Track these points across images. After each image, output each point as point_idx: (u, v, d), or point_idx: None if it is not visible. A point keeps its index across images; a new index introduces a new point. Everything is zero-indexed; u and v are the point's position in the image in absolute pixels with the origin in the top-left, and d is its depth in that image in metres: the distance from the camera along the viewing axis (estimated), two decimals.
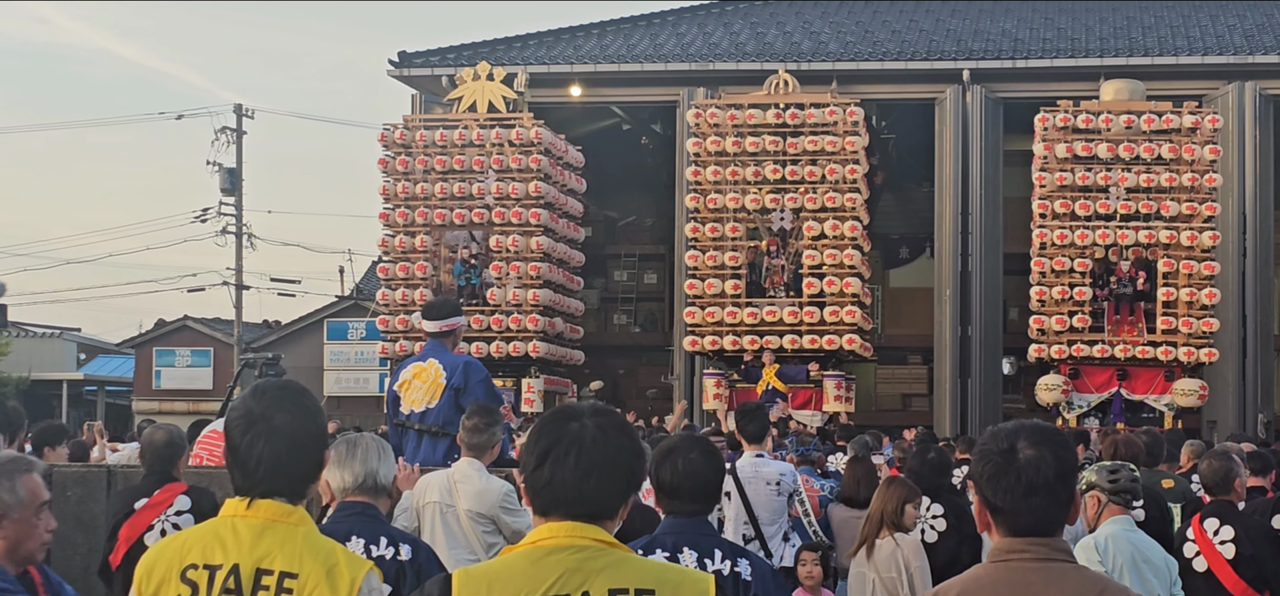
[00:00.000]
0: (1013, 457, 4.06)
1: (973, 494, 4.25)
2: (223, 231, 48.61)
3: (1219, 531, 9.56)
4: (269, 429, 4.31)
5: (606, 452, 3.88)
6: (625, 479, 3.91)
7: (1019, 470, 4.04)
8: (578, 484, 3.86)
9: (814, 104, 29.16)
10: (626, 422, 4.02)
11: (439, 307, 12.86)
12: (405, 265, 29.66)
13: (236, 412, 4.41)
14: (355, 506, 6.66)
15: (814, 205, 28.73)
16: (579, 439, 3.88)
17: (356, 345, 42.97)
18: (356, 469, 6.68)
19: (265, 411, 4.33)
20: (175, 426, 10.22)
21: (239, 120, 48.33)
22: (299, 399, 4.40)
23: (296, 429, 4.34)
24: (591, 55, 33.99)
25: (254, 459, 4.32)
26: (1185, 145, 27.35)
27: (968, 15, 36.46)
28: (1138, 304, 27.68)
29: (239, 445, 4.34)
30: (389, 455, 6.87)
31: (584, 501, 3.85)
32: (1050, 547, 4.04)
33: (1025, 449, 4.07)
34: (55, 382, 53.33)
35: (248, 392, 4.47)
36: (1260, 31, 33.46)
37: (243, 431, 4.34)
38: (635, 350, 39.82)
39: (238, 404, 4.47)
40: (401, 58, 33.67)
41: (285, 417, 4.33)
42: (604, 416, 3.96)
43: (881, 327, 37.40)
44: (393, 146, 29.83)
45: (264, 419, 4.32)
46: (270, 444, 4.30)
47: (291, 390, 4.44)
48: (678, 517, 6.21)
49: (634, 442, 3.95)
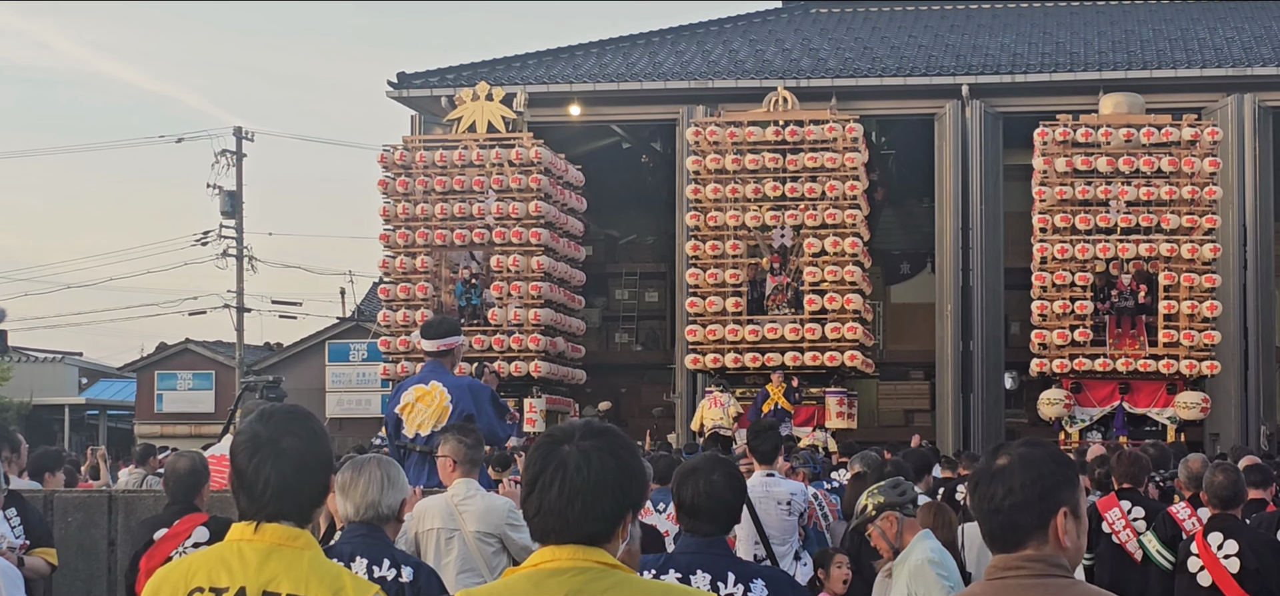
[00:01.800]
0: (991, 472, 4.06)
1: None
2: (224, 254, 48.58)
3: (1223, 545, 9.56)
4: (276, 452, 4.30)
5: (591, 476, 3.79)
6: (614, 501, 3.83)
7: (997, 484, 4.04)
8: (563, 510, 3.80)
9: (813, 121, 29.19)
10: (619, 442, 3.90)
11: (438, 326, 12.86)
12: (406, 286, 29.67)
13: (243, 436, 4.39)
14: (361, 528, 6.71)
15: (814, 222, 28.73)
16: (563, 464, 3.83)
17: (358, 366, 42.92)
18: (358, 499, 6.71)
19: (272, 435, 4.32)
20: (198, 453, 10.12)
21: (239, 143, 48.31)
22: (306, 423, 4.39)
23: (303, 452, 4.32)
24: (591, 74, 33.99)
25: (261, 482, 4.30)
26: (1185, 158, 27.37)
27: (966, 30, 36.47)
28: (1139, 317, 27.69)
29: (246, 469, 4.33)
30: (397, 481, 6.86)
31: (570, 528, 3.80)
32: (1047, 562, 4.01)
33: (1005, 463, 4.06)
34: (57, 407, 53.24)
35: (254, 416, 4.46)
36: (1259, 43, 33.45)
37: (250, 455, 4.33)
38: (637, 369, 39.80)
39: (244, 428, 4.46)
40: (400, 79, 33.66)
41: (292, 441, 4.31)
42: (593, 437, 3.87)
43: (883, 344, 37.37)
44: (393, 167, 29.84)
45: (271, 442, 4.31)
46: (277, 467, 4.29)
47: (298, 414, 4.43)
48: (695, 537, 6.22)
49: (624, 462, 3.85)
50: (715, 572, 6.04)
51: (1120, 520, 11.60)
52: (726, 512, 6.29)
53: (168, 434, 43.30)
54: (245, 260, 48.71)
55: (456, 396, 12.02)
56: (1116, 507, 11.70)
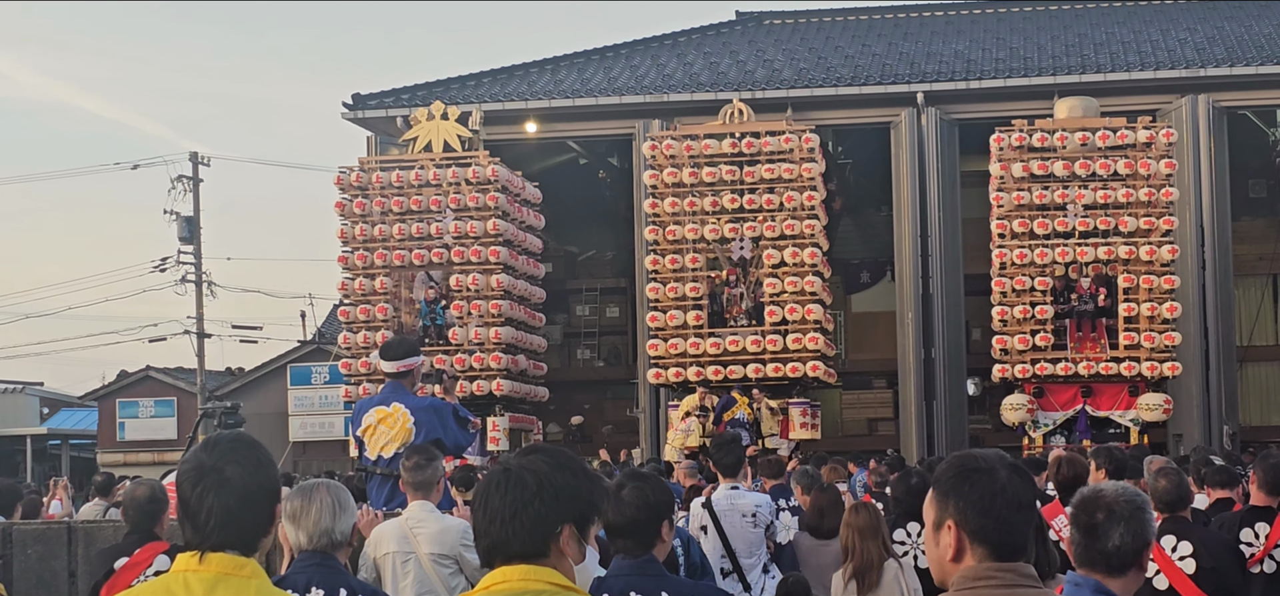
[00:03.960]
0: (995, 480, 4.03)
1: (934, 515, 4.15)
2: (182, 280, 48.38)
3: (1177, 547, 9.55)
4: (220, 481, 4.25)
5: (522, 492, 3.80)
6: (546, 514, 3.81)
7: (1004, 492, 4.01)
8: (498, 529, 3.79)
9: (769, 132, 29.19)
10: (554, 457, 3.91)
11: (397, 347, 12.85)
12: (366, 308, 29.57)
13: (187, 465, 4.35)
14: (314, 557, 6.66)
15: (773, 233, 28.72)
16: (499, 482, 3.82)
17: (320, 389, 42.78)
18: (310, 527, 6.67)
19: (216, 463, 4.28)
20: (157, 482, 10.10)
21: (195, 168, 48.18)
22: (250, 451, 4.35)
23: (247, 481, 4.28)
24: (546, 90, 33.97)
25: (205, 512, 4.25)
26: (1141, 160, 27.43)
27: (920, 38, 36.56)
28: (1099, 320, 27.73)
29: (190, 498, 4.28)
30: (347, 505, 6.81)
31: (508, 545, 3.78)
32: (1016, 573, 3.99)
33: (1006, 473, 4.04)
34: (19, 438, 53.02)
35: (199, 446, 4.42)
36: (1211, 44, 33.61)
37: (193, 484, 4.28)
38: (600, 385, 39.75)
39: (189, 457, 4.42)
40: (355, 100, 33.57)
41: (236, 470, 4.27)
42: (529, 455, 3.89)
43: (845, 353, 37.40)
44: (349, 189, 29.74)
45: (215, 471, 4.27)
46: (220, 497, 4.24)
47: (243, 442, 4.39)
48: (626, 558, 6.19)
49: (555, 478, 3.84)
50: (648, 593, 6.00)
51: (1067, 526, 11.57)
52: (637, 528, 6.23)
53: (131, 462, 43.11)
54: (204, 285, 48.58)
55: (419, 418, 11.99)
56: (1062, 514, 11.66)
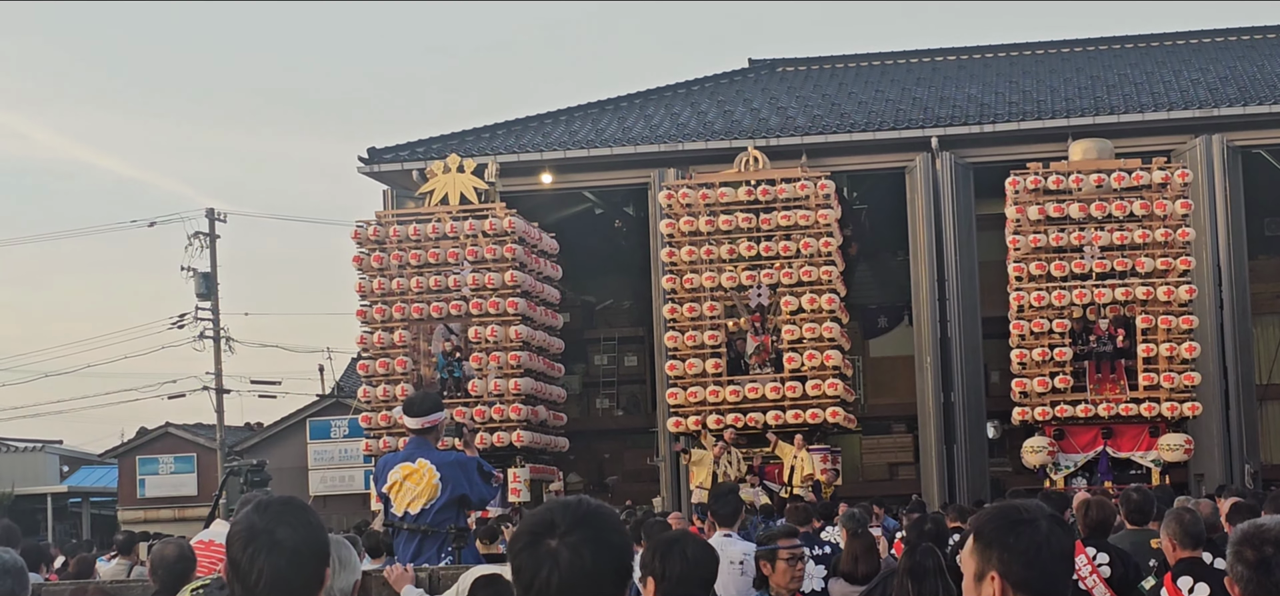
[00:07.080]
0: (1038, 531, 4.07)
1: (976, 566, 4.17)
2: (201, 336, 48.44)
3: (1194, 589, 9.55)
4: (271, 543, 4.30)
5: (582, 574, 3.75)
6: (604, 587, 3.79)
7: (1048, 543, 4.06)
8: None
9: (785, 179, 29.26)
10: (606, 524, 3.85)
11: (420, 403, 12.88)
12: (385, 361, 29.64)
13: (238, 526, 4.40)
14: None
15: (790, 280, 28.76)
16: (556, 562, 3.76)
17: (340, 443, 42.82)
18: None
19: (267, 525, 4.33)
20: (185, 541, 10.10)
21: (212, 224, 48.28)
22: (301, 513, 4.40)
23: (298, 544, 4.33)
24: (560, 141, 34.05)
25: (255, 573, 4.30)
26: (1156, 200, 27.47)
27: (933, 82, 36.62)
28: (1118, 361, 27.74)
29: (240, 559, 4.33)
30: (349, 562, 6.80)
31: None
32: None
33: (1047, 523, 4.08)
34: (40, 497, 52.98)
35: (252, 507, 4.46)
36: (1223, 84, 33.63)
37: (244, 545, 4.33)
38: (619, 434, 39.72)
39: (241, 518, 4.47)
40: (371, 154, 33.67)
41: (287, 532, 4.32)
42: (581, 528, 3.80)
43: (864, 398, 37.33)
44: (367, 243, 29.83)
45: (266, 533, 4.32)
46: (271, 559, 4.29)
47: (293, 505, 4.44)
48: None
49: (613, 549, 3.81)
50: None
51: (1086, 566, 11.62)
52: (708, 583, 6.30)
53: (151, 518, 43.15)
54: (222, 341, 48.65)
55: (445, 473, 12.04)
56: (1083, 554, 11.72)
